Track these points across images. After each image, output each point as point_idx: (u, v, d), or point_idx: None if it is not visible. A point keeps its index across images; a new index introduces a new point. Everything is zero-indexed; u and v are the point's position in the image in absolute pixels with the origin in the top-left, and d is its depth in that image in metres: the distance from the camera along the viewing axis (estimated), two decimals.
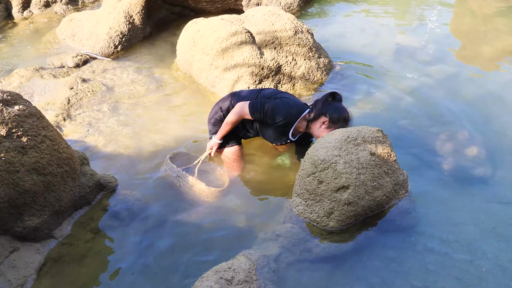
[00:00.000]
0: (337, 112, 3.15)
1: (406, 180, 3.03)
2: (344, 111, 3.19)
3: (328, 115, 3.14)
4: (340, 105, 3.21)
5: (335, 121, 3.15)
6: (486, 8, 7.07)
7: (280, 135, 3.30)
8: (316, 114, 3.18)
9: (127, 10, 5.44)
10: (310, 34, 4.68)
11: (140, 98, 4.46)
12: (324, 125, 3.17)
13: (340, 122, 3.16)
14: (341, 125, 3.16)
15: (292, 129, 3.25)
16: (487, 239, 2.90)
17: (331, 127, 3.15)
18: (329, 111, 3.15)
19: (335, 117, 3.14)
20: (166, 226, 3.01)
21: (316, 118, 3.18)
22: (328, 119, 3.14)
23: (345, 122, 3.18)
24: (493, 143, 3.79)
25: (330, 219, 2.80)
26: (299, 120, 3.22)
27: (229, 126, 3.28)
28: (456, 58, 5.36)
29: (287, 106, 3.17)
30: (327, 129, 3.15)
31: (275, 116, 3.15)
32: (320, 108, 3.18)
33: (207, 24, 4.59)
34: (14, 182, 2.49)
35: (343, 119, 3.16)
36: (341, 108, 3.19)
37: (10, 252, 2.60)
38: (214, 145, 3.41)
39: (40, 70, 4.83)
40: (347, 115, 3.20)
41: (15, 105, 2.57)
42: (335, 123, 3.15)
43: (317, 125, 3.19)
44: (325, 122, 3.16)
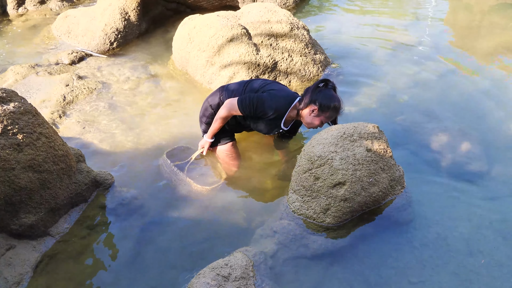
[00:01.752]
0: (327, 100, 3.04)
1: (402, 176, 3.04)
2: (335, 99, 3.06)
3: (318, 103, 3.03)
4: (331, 92, 3.08)
5: (324, 109, 3.04)
6: (482, 4, 7.08)
7: (272, 126, 3.24)
8: (305, 102, 3.08)
9: (122, 7, 5.42)
10: (306, 30, 4.68)
11: (136, 95, 4.45)
12: (314, 113, 3.07)
13: (330, 111, 3.05)
14: (330, 114, 3.06)
15: (284, 120, 3.19)
16: (483, 234, 2.91)
17: (320, 116, 3.07)
18: (318, 99, 3.03)
19: (325, 105, 3.03)
20: (162, 223, 3.01)
21: (305, 106, 3.09)
22: (317, 107, 3.04)
23: (335, 110, 3.07)
24: (489, 138, 3.81)
25: (326, 215, 2.80)
26: (290, 110, 3.15)
27: (219, 123, 3.23)
28: (452, 54, 5.37)
29: (276, 99, 3.10)
30: (317, 118, 3.07)
31: (265, 110, 3.08)
32: (310, 96, 3.07)
33: (203, 21, 4.58)
34: (10, 180, 2.48)
35: (333, 107, 3.05)
36: (332, 96, 3.07)
37: (6, 249, 2.59)
38: (205, 144, 3.38)
39: (35, 67, 4.81)
40: (338, 104, 3.07)
41: (10, 102, 2.56)
42: (324, 112, 3.05)
43: (306, 113, 3.09)
44: (314, 110, 3.05)
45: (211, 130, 3.27)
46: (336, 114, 3.10)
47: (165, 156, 3.33)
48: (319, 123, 3.11)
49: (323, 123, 3.13)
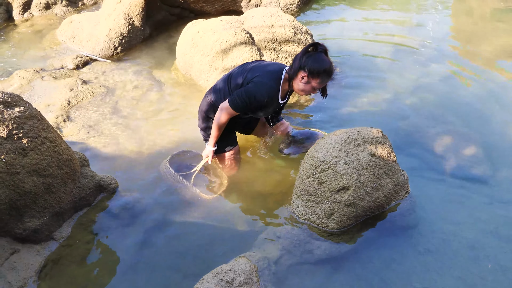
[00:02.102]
0: (316, 64, 2.79)
1: (407, 181, 3.03)
2: (325, 63, 2.81)
3: (307, 68, 2.81)
4: (321, 56, 2.82)
5: (315, 74, 2.81)
6: (484, 8, 7.07)
7: (271, 107, 3.09)
8: (294, 69, 2.88)
9: (126, 12, 5.44)
10: (309, 35, 4.68)
11: (140, 100, 4.46)
12: (304, 80, 2.86)
13: (321, 75, 2.82)
14: (322, 78, 2.84)
15: (279, 96, 3.04)
16: (488, 239, 2.90)
17: (311, 82, 2.86)
18: (307, 64, 2.80)
19: (314, 69, 2.79)
20: (166, 228, 3.01)
21: (295, 73, 2.88)
22: (307, 73, 2.82)
23: (326, 75, 2.84)
24: (493, 142, 3.79)
25: (330, 220, 2.79)
26: (282, 84, 2.99)
27: (219, 130, 3.13)
28: (455, 58, 5.36)
29: (263, 84, 2.93)
30: (308, 84, 2.88)
31: (258, 100, 2.93)
32: (298, 62, 2.85)
33: (206, 26, 4.59)
34: (15, 184, 2.49)
35: (324, 71, 2.81)
36: (322, 59, 2.81)
37: (10, 253, 2.59)
38: (209, 153, 3.27)
39: (40, 72, 4.83)
40: (329, 67, 2.82)
41: (15, 106, 2.57)
42: (314, 77, 2.83)
43: (297, 81, 2.90)
44: (304, 77, 2.85)
45: (212, 137, 3.18)
46: (328, 79, 2.88)
47: (168, 165, 3.30)
48: (310, 90, 2.92)
49: (316, 89, 2.93)
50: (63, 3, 6.70)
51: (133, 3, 5.48)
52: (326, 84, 2.95)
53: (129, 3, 5.48)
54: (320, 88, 2.94)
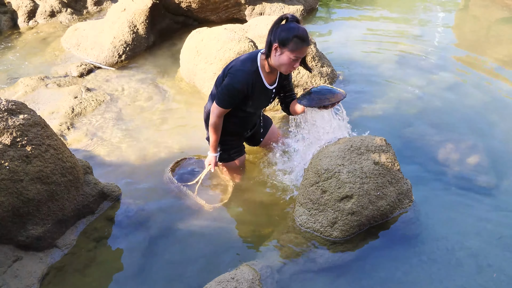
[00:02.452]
0: (285, 31, 2.66)
1: (410, 189, 3.02)
2: (295, 29, 2.66)
3: (277, 38, 2.68)
4: (290, 24, 2.69)
5: (285, 42, 2.66)
6: (488, 16, 7.09)
7: (260, 95, 2.97)
8: (266, 44, 2.76)
9: (131, 20, 5.48)
10: (313, 43, 4.69)
11: (144, 108, 4.47)
12: (277, 52, 2.72)
13: (292, 43, 2.65)
14: (294, 45, 2.66)
15: (264, 80, 2.93)
16: (492, 249, 2.88)
17: (284, 52, 2.69)
18: (277, 34, 2.68)
19: (283, 37, 2.65)
20: (169, 236, 3.00)
21: (269, 49, 2.76)
22: (278, 43, 2.68)
23: (299, 40, 2.66)
24: (497, 151, 3.78)
25: (333, 229, 2.78)
26: (260, 67, 2.87)
27: (214, 133, 3.06)
28: (459, 66, 5.36)
29: (238, 72, 2.84)
30: (283, 56, 2.71)
31: (238, 89, 2.84)
32: (269, 36, 2.73)
33: (210, 34, 4.61)
34: (18, 191, 2.49)
35: (294, 37, 2.64)
36: (291, 26, 2.67)
37: (13, 261, 2.59)
38: (212, 160, 3.21)
39: (44, 79, 4.86)
40: (300, 32, 2.66)
41: (19, 114, 2.58)
42: (286, 45, 2.67)
43: (273, 57, 2.76)
44: (276, 48, 2.71)
45: (211, 142, 3.14)
46: (302, 44, 2.69)
47: (170, 175, 3.27)
48: (288, 61, 2.73)
49: (293, 60, 2.72)
50: (68, 11, 6.75)
51: (138, 11, 5.52)
52: (304, 52, 2.75)
53: (134, 11, 5.52)
54: (297, 57, 2.73)
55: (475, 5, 7.73)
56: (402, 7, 7.46)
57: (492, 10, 7.38)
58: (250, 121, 3.28)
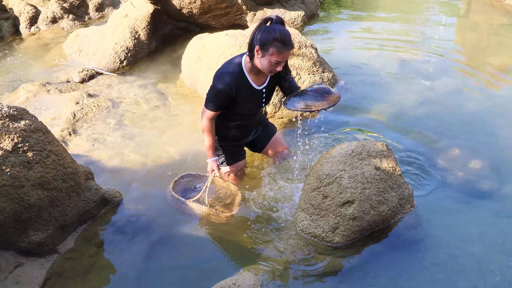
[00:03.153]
0: (265, 33, 2.60)
1: (412, 194, 3.01)
2: (276, 32, 2.59)
3: (258, 41, 2.62)
4: (272, 26, 2.63)
5: (266, 45, 2.60)
6: (489, 22, 7.10)
7: (249, 97, 2.92)
8: (249, 46, 2.71)
9: (133, 26, 5.50)
10: (314, 48, 4.70)
11: (145, 113, 4.48)
12: (259, 55, 2.66)
13: (271, 45, 2.59)
14: (274, 49, 2.60)
15: (251, 82, 2.87)
16: (495, 254, 2.86)
17: (265, 55, 2.64)
18: (258, 36, 2.62)
19: (264, 40, 2.59)
20: (170, 241, 3.00)
21: (251, 51, 2.71)
22: (259, 46, 2.63)
23: (278, 43, 2.60)
24: (499, 156, 3.77)
25: (335, 234, 2.78)
26: (246, 69, 2.83)
27: (207, 136, 3.02)
28: (460, 72, 5.37)
29: (222, 74, 2.82)
30: (264, 59, 2.66)
31: (223, 91, 2.80)
32: (251, 38, 2.67)
33: (212, 40, 4.63)
34: (19, 197, 2.50)
35: (273, 39, 2.58)
36: (272, 28, 2.60)
37: (15, 267, 2.59)
38: (213, 165, 3.14)
39: (46, 85, 4.87)
40: (281, 35, 2.59)
41: (21, 120, 2.59)
42: (266, 49, 2.61)
43: (256, 59, 2.72)
44: (257, 51, 2.65)
45: (206, 146, 3.07)
46: (283, 47, 2.62)
47: (174, 194, 3.18)
48: (271, 65, 2.68)
49: (276, 63, 2.67)
50: (69, 17, 6.78)
51: (139, 17, 5.54)
52: (285, 56, 2.69)
53: (135, 17, 5.54)
54: (278, 61, 2.67)
55: (476, 11, 7.75)
56: (403, 13, 7.48)
57: (493, 15, 7.40)
58: (249, 126, 3.25)
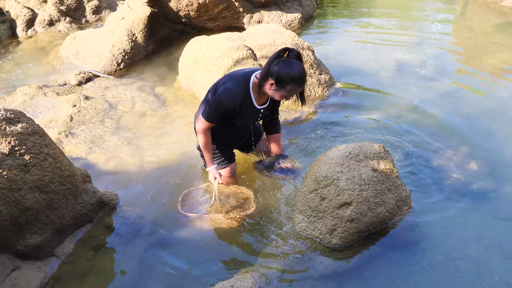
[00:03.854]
0: (283, 72, 2.62)
1: (409, 196, 3.02)
2: (293, 69, 2.62)
3: (274, 76, 2.65)
4: (290, 63, 2.64)
5: (282, 82, 2.65)
6: (485, 24, 7.13)
7: (248, 114, 2.96)
8: (262, 75, 2.73)
9: (130, 28, 5.50)
10: (311, 51, 4.71)
11: (142, 116, 4.48)
12: (272, 87, 2.71)
13: (289, 83, 2.65)
14: (291, 87, 2.68)
15: (254, 101, 2.92)
16: (492, 255, 2.87)
17: (280, 90, 2.71)
18: (275, 71, 2.64)
19: (282, 76, 2.63)
20: (167, 244, 2.99)
21: (263, 80, 2.73)
22: (274, 81, 2.67)
23: (295, 83, 2.66)
24: (496, 158, 3.78)
25: (333, 236, 2.78)
26: (252, 89, 2.86)
27: (206, 149, 3.04)
28: (457, 73, 5.38)
29: (229, 91, 2.82)
30: (277, 92, 2.73)
31: (226, 107, 2.82)
32: (267, 68, 2.68)
33: (209, 42, 4.63)
34: (16, 200, 2.49)
35: (291, 80, 2.63)
36: (290, 66, 2.63)
37: (11, 270, 2.58)
38: (215, 173, 3.12)
39: (43, 88, 4.86)
40: (297, 75, 2.63)
41: (18, 123, 2.58)
42: (282, 85, 2.67)
43: (267, 88, 2.75)
44: (272, 84, 2.69)
45: (206, 158, 3.10)
46: (300, 87, 2.71)
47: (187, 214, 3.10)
48: (280, 97, 2.79)
49: (287, 97, 2.80)
50: (66, 20, 6.77)
51: (136, 19, 5.54)
52: (298, 91, 2.79)
53: (132, 19, 5.54)
54: (291, 95, 2.79)
55: (472, 12, 7.78)
56: (400, 15, 7.50)
57: (489, 17, 7.43)
58: (240, 134, 3.29)
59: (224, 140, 3.23)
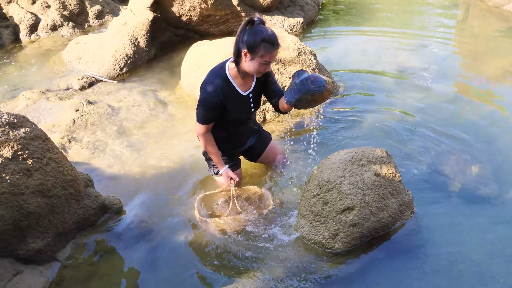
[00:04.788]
0: (252, 34, 2.56)
1: (412, 200, 3.01)
2: (262, 32, 2.56)
3: (245, 44, 2.58)
4: (258, 27, 2.59)
5: (254, 47, 2.57)
6: (486, 28, 7.13)
7: (237, 103, 2.88)
8: (235, 51, 2.67)
9: (132, 33, 5.52)
10: (313, 55, 4.72)
11: (145, 120, 4.48)
12: (248, 58, 2.63)
13: (261, 47, 2.57)
14: (264, 50, 2.58)
15: (237, 88, 2.85)
16: (495, 260, 2.86)
17: (255, 58, 2.62)
18: (245, 39, 2.58)
19: (252, 42, 2.56)
20: (169, 249, 2.99)
21: (238, 55, 2.67)
22: (247, 49, 2.59)
23: (268, 43, 2.58)
24: (498, 162, 3.77)
25: (335, 241, 2.77)
26: (230, 73, 2.81)
27: (212, 152, 3.02)
28: (459, 77, 5.38)
29: (207, 84, 2.79)
30: (254, 61, 2.64)
31: (210, 101, 2.78)
32: (237, 42, 2.63)
33: (211, 47, 4.64)
34: (19, 205, 2.49)
35: (262, 40, 2.55)
36: (258, 29, 2.57)
37: (13, 275, 2.58)
38: (229, 173, 3.11)
39: (46, 93, 4.88)
40: (267, 35, 2.56)
41: (21, 127, 2.59)
42: (255, 51, 2.59)
43: (243, 63, 2.68)
44: (246, 54, 2.62)
45: (215, 160, 3.08)
46: (272, 48, 2.61)
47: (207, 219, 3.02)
48: (258, 66, 2.67)
49: (265, 63, 2.66)
50: (69, 24, 6.80)
51: (139, 24, 5.56)
52: (274, 56, 2.68)
53: (135, 24, 5.56)
54: (268, 62, 2.66)
55: (474, 17, 7.78)
56: (401, 19, 7.51)
57: (491, 21, 7.43)
58: (242, 134, 3.23)
59: (226, 143, 3.18)
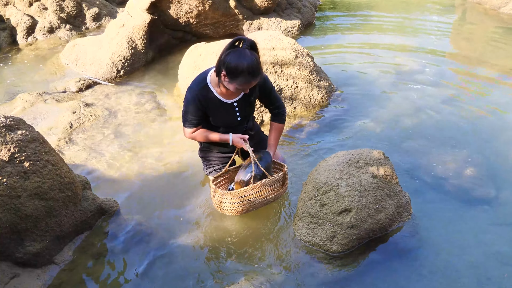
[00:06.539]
0: (233, 60, 2.47)
1: (409, 202, 3.01)
2: (244, 59, 2.47)
3: (225, 67, 2.51)
4: (242, 52, 2.49)
5: (232, 73, 2.50)
6: (484, 29, 7.15)
7: (220, 109, 2.84)
8: (216, 67, 2.60)
9: (129, 36, 5.52)
10: (310, 57, 4.72)
11: (142, 123, 4.48)
12: (226, 80, 2.56)
13: (239, 76, 2.51)
14: (242, 79, 2.52)
15: (218, 95, 2.78)
16: (492, 262, 2.87)
17: (233, 82, 2.55)
18: (227, 61, 2.50)
19: (232, 67, 2.48)
20: (167, 251, 2.98)
21: (218, 72, 2.59)
22: (226, 73, 2.53)
23: (246, 75, 2.50)
24: (495, 163, 3.78)
25: (333, 243, 2.77)
26: (211, 81, 2.76)
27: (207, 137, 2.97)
28: (456, 78, 5.39)
29: (189, 91, 2.79)
30: (231, 85, 2.58)
31: (191, 108, 2.79)
32: (219, 59, 2.55)
33: (208, 49, 4.64)
34: (16, 207, 2.48)
35: (241, 72, 2.48)
36: (242, 56, 2.48)
37: (11, 278, 2.57)
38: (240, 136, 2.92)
39: (43, 95, 4.87)
40: (246, 66, 2.46)
41: (18, 130, 2.59)
42: (233, 78, 2.52)
43: (222, 79, 2.60)
44: (224, 76, 2.55)
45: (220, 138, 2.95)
46: (251, 79, 2.53)
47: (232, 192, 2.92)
48: (234, 90, 2.64)
49: (242, 90, 2.64)
50: (66, 27, 6.79)
51: (136, 27, 5.56)
52: (252, 85, 2.62)
53: (132, 27, 5.56)
54: (244, 88, 2.62)
55: (471, 19, 7.81)
56: (399, 22, 7.53)
57: (488, 22, 7.45)
58: None
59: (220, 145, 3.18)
